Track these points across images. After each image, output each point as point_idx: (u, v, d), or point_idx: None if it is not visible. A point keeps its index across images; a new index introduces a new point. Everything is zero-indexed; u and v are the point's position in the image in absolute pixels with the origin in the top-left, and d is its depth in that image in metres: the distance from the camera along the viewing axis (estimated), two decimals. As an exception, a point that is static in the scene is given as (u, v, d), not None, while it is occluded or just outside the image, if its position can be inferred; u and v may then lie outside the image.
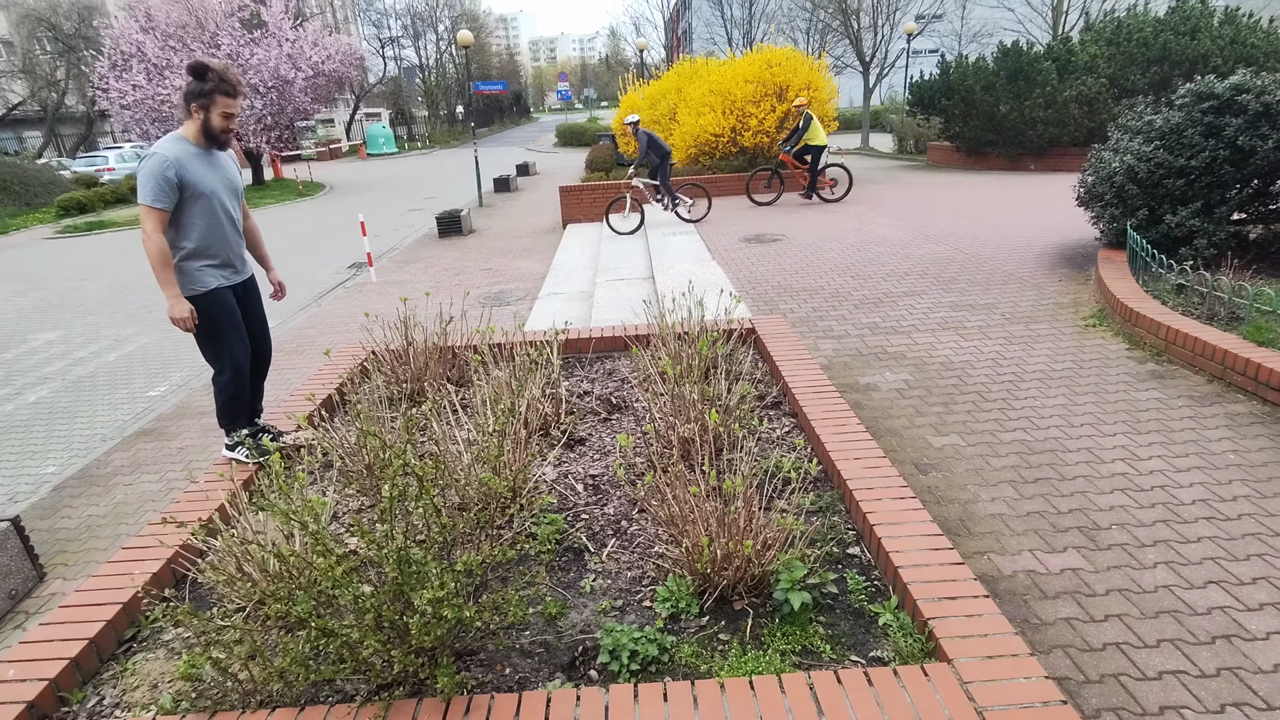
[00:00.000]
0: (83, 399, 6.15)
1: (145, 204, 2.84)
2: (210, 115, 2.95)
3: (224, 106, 2.95)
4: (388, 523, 1.92)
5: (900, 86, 28.01)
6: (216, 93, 2.91)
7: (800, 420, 3.45)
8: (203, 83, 2.90)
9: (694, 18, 46.71)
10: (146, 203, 2.84)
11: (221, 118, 2.97)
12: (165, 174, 2.83)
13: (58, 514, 4.14)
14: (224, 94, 2.93)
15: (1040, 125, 14.77)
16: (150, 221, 2.86)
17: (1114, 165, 6.35)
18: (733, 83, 14.14)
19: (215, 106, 2.94)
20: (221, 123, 2.98)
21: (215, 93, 2.91)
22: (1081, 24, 17.25)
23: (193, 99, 2.92)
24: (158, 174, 2.82)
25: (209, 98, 2.91)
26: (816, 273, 7.48)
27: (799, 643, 2.09)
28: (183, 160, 2.90)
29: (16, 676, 2.01)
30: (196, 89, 2.90)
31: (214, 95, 2.91)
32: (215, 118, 2.96)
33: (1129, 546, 2.87)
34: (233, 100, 2.97)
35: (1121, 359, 4.78)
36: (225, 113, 2.97)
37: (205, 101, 2.92)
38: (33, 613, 3.28)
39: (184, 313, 2.95)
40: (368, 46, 47.64)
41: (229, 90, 2.94)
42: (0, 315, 9.36)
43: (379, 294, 9.00)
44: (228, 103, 2.96)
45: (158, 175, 2.82)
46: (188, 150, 2.95)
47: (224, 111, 2.96)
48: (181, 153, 2.92)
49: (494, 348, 4.14)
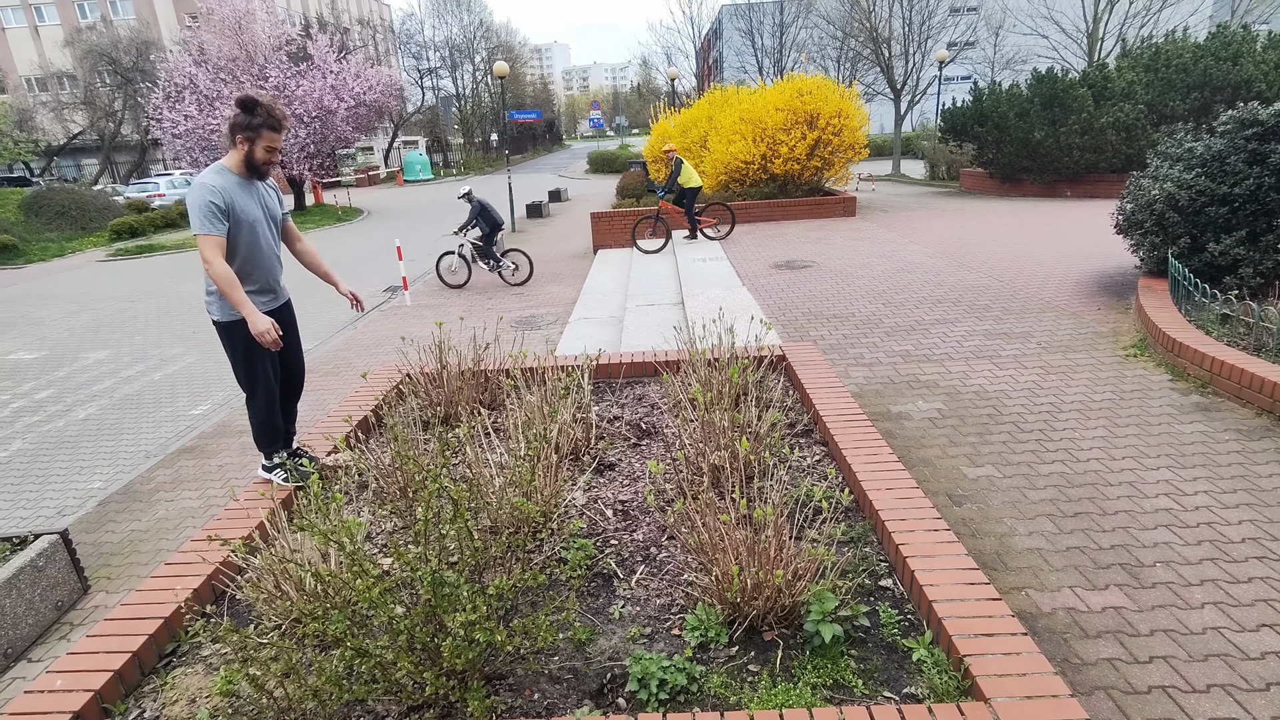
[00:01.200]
0: (128, 416, 6.36)
1: (200, 233, 2.93)
2: (255, 148, 3.04)
3: (269, 140, 3.04)
4: (422, 544, 1.95)
5: (932, 113, 27.93)
6: (263, 127, 3.01)
7: (831, 449, 3.42)
8: (251, 116, 2.99)
9: (725, 47, 47.34)
10: (202, 231, 2.92)
11: (265, 151, 3.06)
12: (212, 201, 2.92)
13: (103, 528, 4.27)
14: (270, 129, 3.02)
15: (1076, 151, 14.59)
16: (208, 248, 2.92)
17: (1154, 193, 6.25)
18: (763, 111, 14.26)
19: (260, 140, 3.03)
20: (265, 155, 3.07)
21: (262, 127, 3.00)
22: (1118, 50, 17.09)
23: (239, 131, 3.02)
24: (205, 203, 2.91)
25: (256, 131, 3.01)
26: (847, 299, 7.45)
27: (830, 676, 2.06)
28: (227, 189, 2.99)
29: (63, 687, 2.08)
30: (244, 122, 3.00)
31: (260, 129, 3.01)
32: (259, 150, 3.05)
33: (1175, 585, 2.78)
34: (277, 135, 3.06)
35: (1164, 390, 4.65)
36: (269, 146, 3.05)
37: (251, 135, 3.01)
38: (77, 624, 3.37)
39: (265, 326, 2.96)
40: (407, 77, 49.08)
41: (275, 125, 3.03)
42: (55, 334, 9.76)
43: (414, 317, 9.18)
44: (273, 137, 3.05)
45: (206, 204, 2.91)
46: (231, 180, 3.04)
47: (268, 145, 3.05)
48: (226, 183, 3.00)
49: (526, 372, 4.20)
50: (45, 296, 12.82)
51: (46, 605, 3.35)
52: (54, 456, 5.58)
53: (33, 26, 42.33)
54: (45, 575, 3.36)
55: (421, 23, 78.60)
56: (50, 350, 8.91)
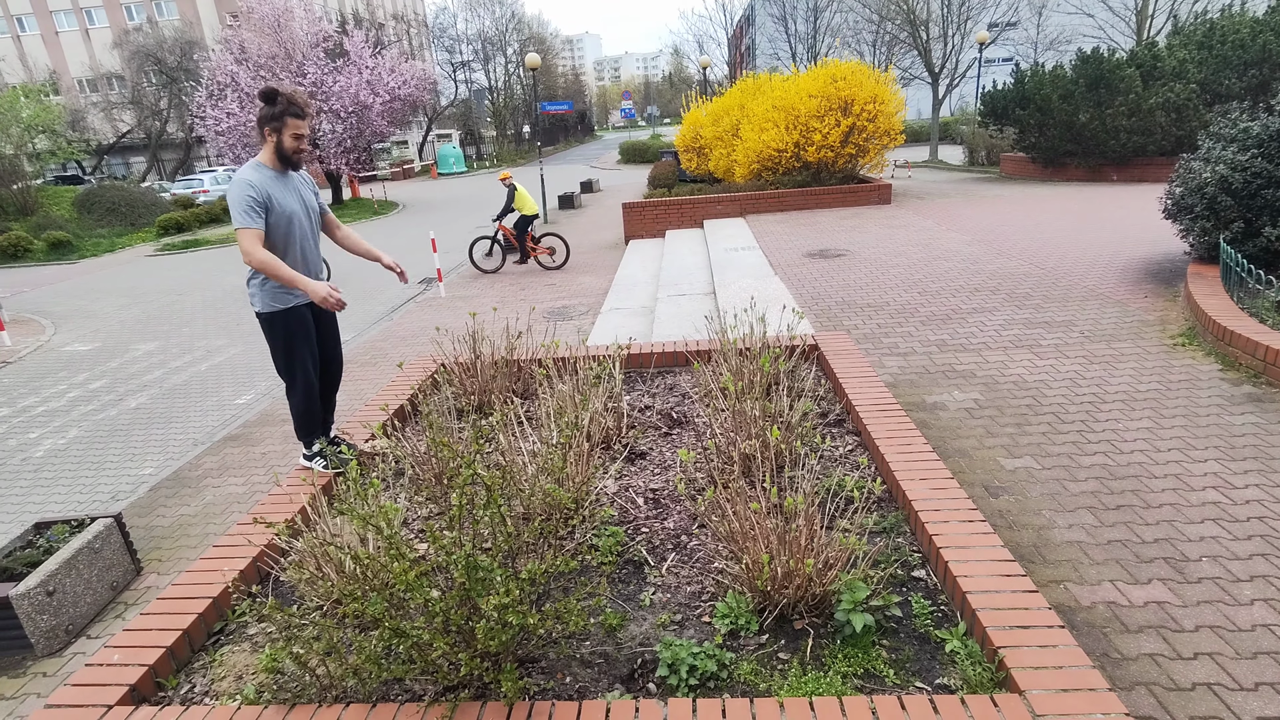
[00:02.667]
0: (177, 405, 6.60)
1: (239, 226, 3.01)
2: (282, 137, 3.09)
3: (294, 128, 3.09)
4: (456, 529, 1.99)
5: (971, 97, 27.21)
6: (286, 115, 3.06)
7: (864, 439, 3.39)
8: (273, 106, 3.05)
9: (758, 34, 46.75)
10: (240, 225, 3.00)
11: (293, 139, 3.11)
12: (249, 194, 2.99)
13: (154, 512, 4.45)
14: (293, 115, 3.07)
15: (1123, 134, 14.08)
16: (247, 240, 3.00)
17: (1205, 175, 6.01)
18: (796, 98, 14.06)
19: (286, 129, 3.08)
20: (293, 143, 3.12)
21: (285, 115, 3.06)
22: (1169, 28, 16.41)
23: (265, 123, 3.08)
24: (243, 197, 2.99)
25: (280, 120, 3.06)
26: (882, 288, 7.33)
27: (861, 665, 2.05)
28: (264, 184, 3.05)
29: (120, 661, 2.18)
30: (268, 113, 3.06)
31: (284, 118, 3.06)
32: (287, 139, 3.10)
33: (1222, 580, 2.70)
34: (301, 121, 3.11)
35: (1214, 380, 4.49)
36: (296, 134, 3.10)
37: (277, 124, 3.07)
38: (131, 604, 3.53)
39: (325, 292, 3.01)
40: (440, 71, 49.59)
41: (297, 112, 3.08)
42: (107, 327, 10.14)
43: (448, 308, 9.32)
44: (297, 124, 3.09)
45: (244, 198, 2.99)
46: (266, 175, 3.10)
47: (294, 133, 3.10)
48: (261, 178, 3.07)
49: (558, 362, 4.23)
50: (97, 290, 13.32)
51: (103, 585, 3.51)
52: (108, 444, 5.82)
53: (84, 29, 43.79)
54: (101, 556, 3.52)
55: (454, 16, 79.29)
56: (103, 342, 9.27)
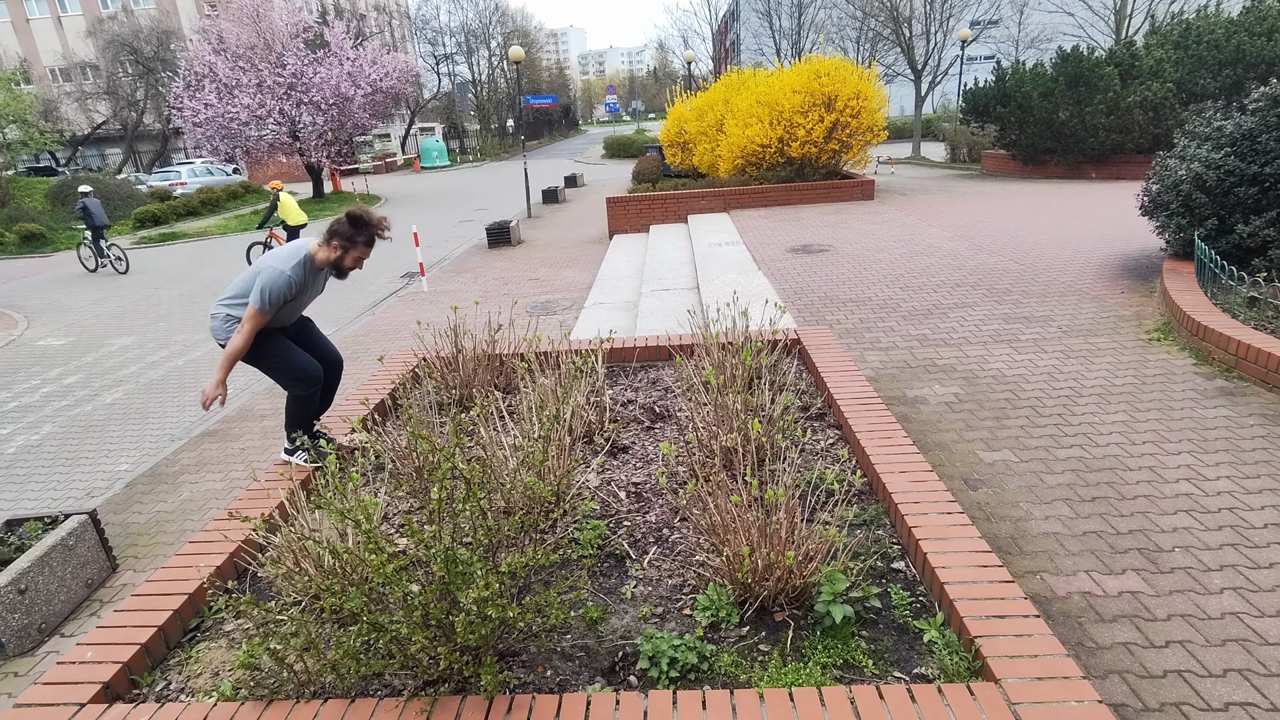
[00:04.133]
0: (154, 401, 6.49)
1: (258, 309, 3.06)
2: (346, 257, 3.19)
3: (361, 253, 3.22)
4: (436, 523, 1.98)
5: (953, 94, 27.43)
6: (363, 244, 3.18)
7: (845, 432, 3.41)
8: (356, 232, 3.15)
9: (742, 29, 46.74)
10: (259, 308, 3.05)
11: (354, 261, 3.23)
12: (285, 293, 3.08)
13: (129, 509, 4.38)
14: (366, 244, 3.19)
15: (1102, 132, 14.26)
16: (253, 323, 3.08)
17: (1180, 173, 6.10)
18: (780, 93, 14.08)
19: (354, 251, 3.19)
20: (352, 265, 3.24)
21: (362, 244, 3.18)
22: (1147, 27, 16.62)
23: (338, 238, 3.16)
24: (281, 292, 3.06)
25: (354, 244, 3.17)
26: (864, 283, 7.38)
27: (840, 656, 2.07)
28: (304, 282, 3.17)
29: (94, 658, 2.15)
30: (348, 234, 3.14)
31: (359, 245, 3.17)
32: (349, 260, 3.21)
33: (1194, 570, 2.75)
34: (369, 250, 3.24)
35: (1188, 374, 4.57)
36: (359, 258, 3.23)
37: (349, 246, 3.17)
38: (106, 601, 3.47)
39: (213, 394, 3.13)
40: (423, 63, 49.03)
41: (371, 243, 3.20)
42: (82, 321, 9.95)
43: (430, 302, 9.25)
44: (366, 251, 3.23)
45: (281, 293, 3.06)
46: (311, 271, 3.20)
47: (358, 257, 3.22)
48: (304, 277, 3.16)
49: (540, 356, 4.22)
50: (72, 284, 13.07)
51: (77, 582, 3.45)
52: (83, 440, 5.72)
53: (56, 17, 42.79)
54: (75, 554, 3.46)
55: (437, 8, 78.31)
56: (78, 336, 9.10)
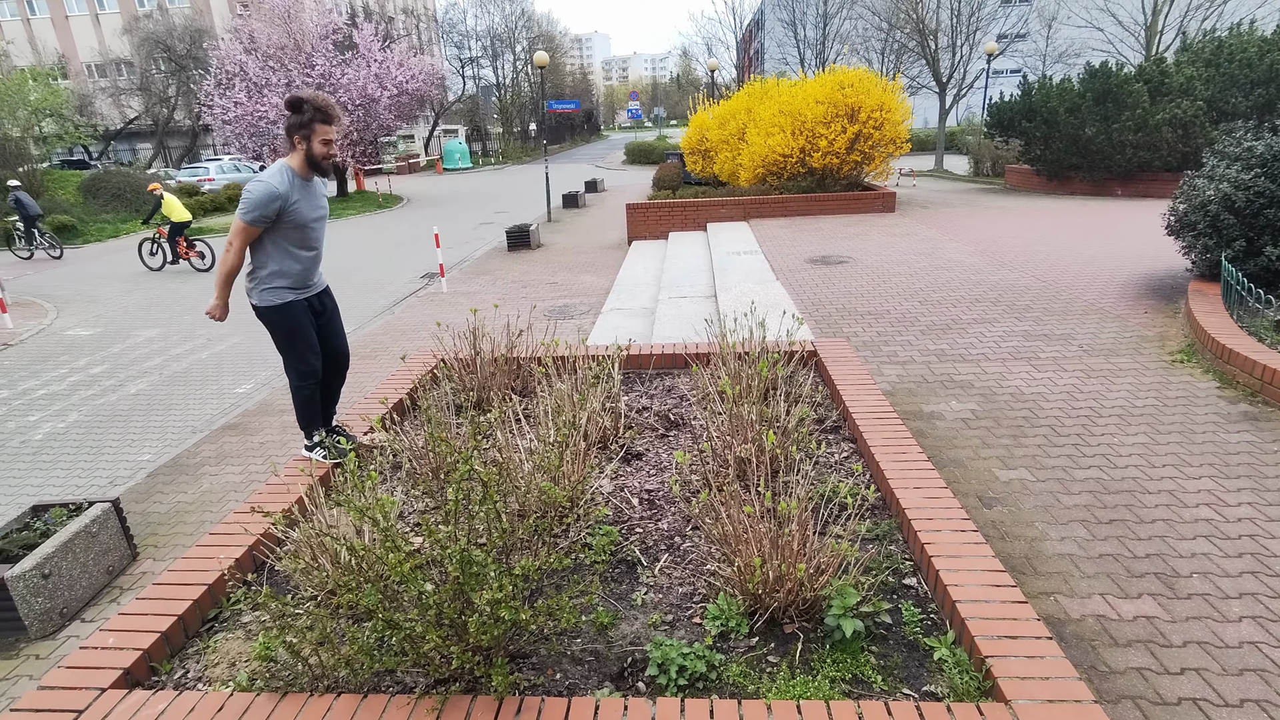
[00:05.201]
0: (177, 392, 6.61)
1: (244, 221, 3.06)
2: (312, 144, 3.14)
3: (323, 134, 3.14)
4: (452, 524, 2.01)
5: (978, 107, 27.24)
6: (314, 121, 3.11)
7: (860, 446, 3.41)
8: (300, 114, 3.10)
9: (766, 38, 46.79)
10: (245, 220, 3.06)
11: (322, 144, 3.16)
12: (270, 205, 3.06)
13: (151, 498, 4.46)
14: (321, 121, 3.12)
15: (1129, 149, 14.10)
16: (241, 238, 3.09)
17: (1208, 193, 6.03)
18: (803, 103, 14.07)
19: (315, 135, 3.13)
20: (322, 149, 3.17)
21: (313, 122, 3.11)
22: (1177, 44, 16.42)
23: (294, 132, 3.13)
24: (264, 203, 3.05)
25: (308, 128, 3.11)
26: (883, 296, 7.35)
27: (849, 671, 2.07)
28: (290, 193, 3.12)
29: (115, 645, 2.19)
30: (296, 121, 3.11)
31: (313, 124, 3.11)
32: (316, 145, 3.15)
33: (1212, 597, 2.71)
34: (329, 126, 3.16)
35: (1211, 398, 4.51)
36: (324, 139, 3.16)
37: (306, 132, 3.12)
38: (127, 588, 3.54)
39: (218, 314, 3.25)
40: (449, 66, 49.54)
41: (325, 118, 3.13)
42: (109, 312, 10.15)
43: (449, 304, 9.33)
44: (326, 130, 3.15)
45: (264, 203, 3.05)
46: (294, 182, 3.16)
47: (323, 139, 3.15)
48: (289, 185, 3.13)
49: (557, 360, 4.25)
50: (101, 275, 13.33)
51: (99, 569, 3.53)
52: (107, 429, 5.83)
53: (94, 14, 43.79)
54: (98, 541, 3.53)
55: (464, 12, 79.32)
56: (105, 327, 9.29)
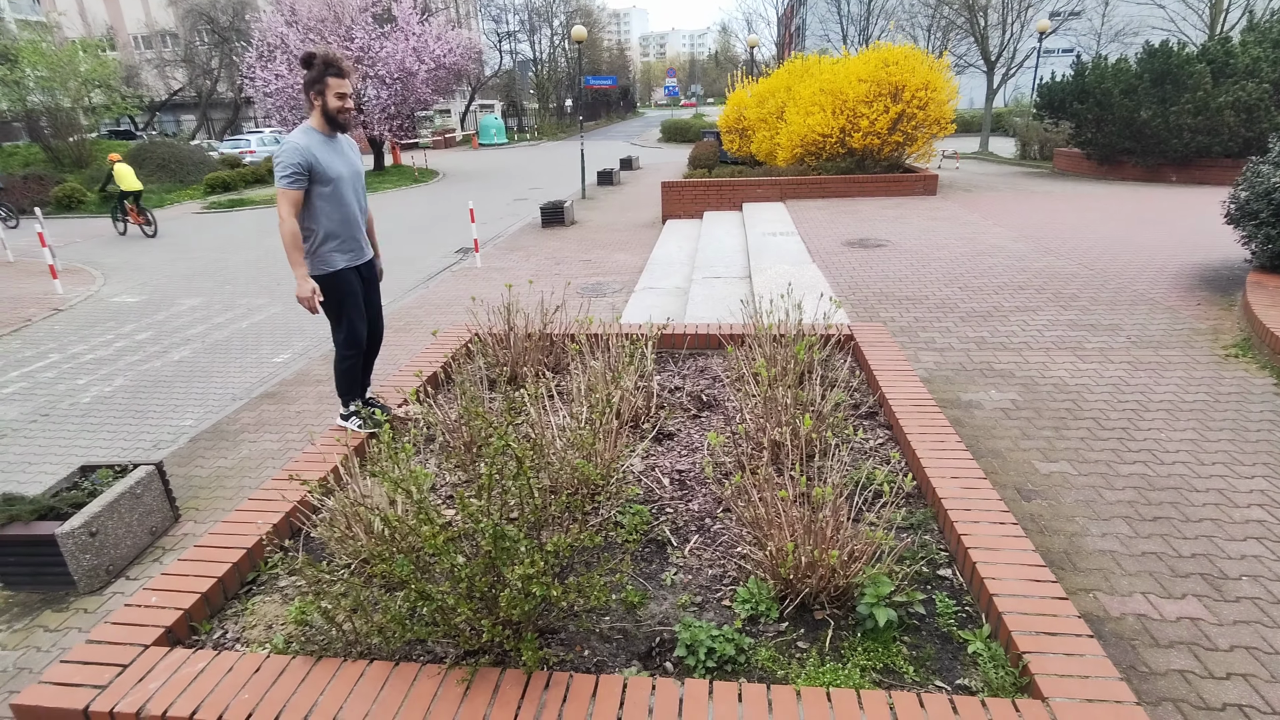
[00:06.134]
0: (218, 361, 6.77)
1: (281, 187, 3.10)
2: (326, 99, 3.16)
3: (336, 88, 3.16)
4: (485, 498, 2.02)
5: (1027, 88, 26.29)
6: (326, 76, 3.13)
7: (896, 433, 3.34)
8: (310, 68, 3.13)
9: (809, 14, 45.63)
10: (282, 186, 3.10)
11: (336, 98, 3.17)
12: (296, 160, 3.08)
13: (192, 463, 4.59)
14: (333, 75, 3.14)
15: (1187, 133, 13.49)
16: (285, 204, 3.12)
17: (1274, 180, 5.74)
18: (845, 82, 13.71)
19: (329, 89, 3.15)
20: (337, 103, 3.18)
21: (325, 76, 3.13)
22: (1244, 23, 15.60)
23: (309, 87, 3.17)
24: (290, 160, 3.08)
25: (321, 82, 3.14)
26: (922, 281, 7.18)
27: (881, 660, 2.04)
28: (312, 149, 3.14)
29: (157, 603, 2.26)
30: (309, 78, 3.15)
31: (325, 79, 3.13)
32: (331, 99, 3.16)
33: (1261, 601, 2.62)
34: (342, 80, 3.17)
35: (1267, 394, 4.33)
36: (339, 93, 3.17)
37: (319, 87, 3.15)
38: (169, 549, 3.66)
39: (308, 292, 3.17)
40: (486, 40, 49.41)
41: (336, 72, 3.14)
42: (154, 280, 10.42)
43: (483, 279, 9.37)
44: (339, 83, 3.16)
45: (291, 161, 3.08)
46: (316, 139, 3.19)
47: (337, 92, 3.16)
48: (311, 142, 3.15)
49: (591, 338, 4.24)
50: (146, 245, 13.66)
51: (143, 529, 3.64)
52: (151, 394, 6.00)
53: (141, -14, 44.50)
54: (142, 502, 3.64)
55: (502, -15, 78.68)
56: (150, 295, 9.53)
